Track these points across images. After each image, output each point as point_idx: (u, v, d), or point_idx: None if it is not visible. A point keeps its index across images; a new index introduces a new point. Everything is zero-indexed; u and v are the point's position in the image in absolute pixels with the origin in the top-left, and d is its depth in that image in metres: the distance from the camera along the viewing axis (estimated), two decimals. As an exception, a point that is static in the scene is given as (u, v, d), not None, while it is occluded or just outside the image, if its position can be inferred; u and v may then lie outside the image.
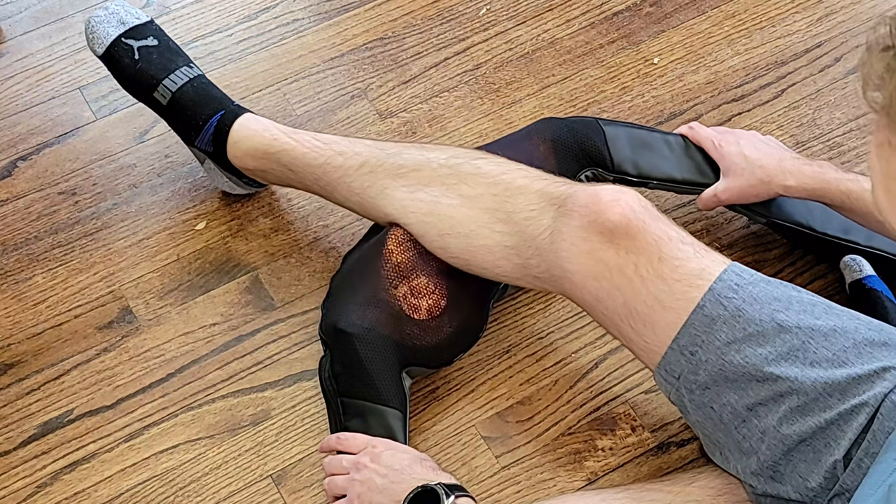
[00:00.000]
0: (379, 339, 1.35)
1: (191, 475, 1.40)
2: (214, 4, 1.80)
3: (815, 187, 1.39)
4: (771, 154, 1.45)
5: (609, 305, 1.23)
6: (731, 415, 1.17)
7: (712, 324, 1.17)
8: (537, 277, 1.30)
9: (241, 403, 1.45)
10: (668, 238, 1.21)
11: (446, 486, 1.20)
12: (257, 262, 1.56)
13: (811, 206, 1.47)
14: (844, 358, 1.14)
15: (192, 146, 1.52)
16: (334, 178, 1.42)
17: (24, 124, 1.68)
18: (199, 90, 1.49)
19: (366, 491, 1.25)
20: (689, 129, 1.52)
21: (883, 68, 0.79)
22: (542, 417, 1.44)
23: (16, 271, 1.55)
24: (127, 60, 1.49)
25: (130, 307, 1.52)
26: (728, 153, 1.46)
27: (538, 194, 1.29)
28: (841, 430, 1.11)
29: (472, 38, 1.78)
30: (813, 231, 1.46)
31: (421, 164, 1.37)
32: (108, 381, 1.46)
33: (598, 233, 1.22)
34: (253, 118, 1.49)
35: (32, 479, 1.39)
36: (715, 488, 1.26)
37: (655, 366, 1.22)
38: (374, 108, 1.70)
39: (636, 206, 1.22)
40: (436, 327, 1.37)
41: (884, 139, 0.80)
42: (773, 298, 1.18)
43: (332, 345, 1.38)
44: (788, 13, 1.81)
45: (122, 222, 1.59)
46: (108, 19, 1.50)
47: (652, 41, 1.78)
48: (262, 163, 1.47)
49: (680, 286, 1.18)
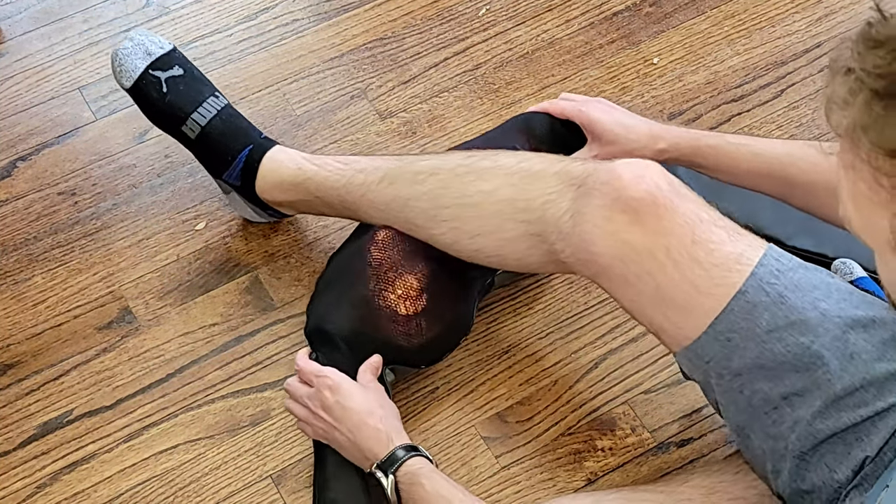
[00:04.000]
0: (363, 338, 1.35)
1: (190, 475, 1.40)
2: (214, 5, 1.80)
3: (685, 148, 1.38)
4: (640, 120, 1.43)
5: (639, 289, 1.17)
6: (763, 401, 1.13)
7: (753, 310, 1.12)
8: (566, 263, 1.25)
9: (240, 404, 1.45)
10: (700, 219, 1.15)
11: (402, 448, 1.25)
12: (257, 263, 1.56)
13: (758, 208, 1.48)
14: (883, 351, 1.11)
15: (218, 179, 1.51)
16: (357, 196, 1.40)
17: (23, 124, 1.68)
18: (227, 123, 1.47)
19: (326, 438, 1.32)
20: (549, 104, 1.49)
21: (846, 91, 0.79)
22: (541, 418, 1.44)
23: (15, 272, 1.55)
24: (155, 94, 1.46)
25: (130, 307, 1.52)
26: (600, 119, 1.43)
27: (556, 176, 1.25)
28: (875, 426, 1.09)
29: (472, 39, 1.78)
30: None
31: (438, 167, 1.35)
32: (107, 381, 1.46)
33: (622, 212, 1.16)
34: (280, 150, 1.47)
35: (32, 480, 1.39)
36: (707, 487, 1.25)
37: (682, 349, 1.17)
38: (373, 108, 1.70)
39: (662, 184, 1.16)
40: (419, 326, 1.37)
41: (848, 162, 0.80)
42: (814, 286, 1.14)
43: (317, 345, 1.38)
44: (788, 13, 1.81)
45: (122, 222, 1.59)
46: (135, 51, 1.46)
47: (651, 41, 1.78)
48: (290, 194, 1.46)
49: (718, 271, 1.13)
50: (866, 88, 0.78)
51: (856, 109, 0.79)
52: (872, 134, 0.78)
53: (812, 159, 1.29)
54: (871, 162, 0.79)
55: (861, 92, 0.79)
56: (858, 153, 0.79)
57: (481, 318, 1.51)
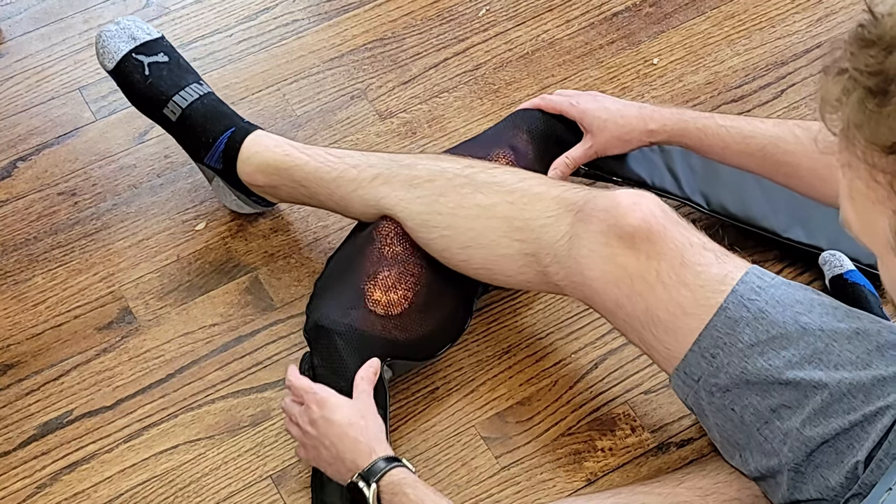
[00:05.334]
0: (359, 334, 1.35)
1: (190, 476, 1.40)
2: (214, 5, 1.80)
3: (675, 128, 1.40)
4: (629, 104, 1.46)
5: (630, 312, 1.22)
6: (754, 416, 1.16)
7: (735, 325, 1.16)
8: (557, 285, 1.29)
9: (240, 404, 1.45)
10: (690, 244, 1.20)
11: (384, 459, 1.23)
12: (257, 263, 1.56)
13: (751, 200, 1.51)
14: (868, 360, 1.13)
15: (200, 163, 1.51)
16: (348, 191, 1.41)
17: (23, 125, 1.68)
18: (209, 107, 1.48)
19: (314, 457, 1.30)
20: (542, 100, 1.51)
21: (839, 91, 0.80)
22: (541, 418, 1.44)
23: (15, 272, 1.55)
24: (137, 76, 1.48)
25: (130, 308, 1.52)
26: (588, 109, 1.46)
27: (555, 200, 1.28)
28: (865, 431, 1.11)
29: (472, 39, 1.78)
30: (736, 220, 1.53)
31: (435, 174, 1.36)
32: (107, 381, 1.46)
33: (618, 237, 1.20)
34: (264, 134, 1.48)
35: (32, 480, 1.39)
36: (703, 489, 1.26)
37: (674, 369, 1.21)
38: (373, 108, 1.70)
39: (656, 211, 1.21)
40: (417, 321, 1.37)
41: (844, 160, 0.81)
42: (796, 301, 1.17)
43: (313, 342, 1.38)
44: (788, 13, 1.81)
45: (122, 223, 1.59)
46: (119, 34, 1.49)
47: (651, 42, 1.78)
48: (273, 179, 1.46)
49: (703, 292, 1.17)
50: (859, 87, 0.79)
51: (849, 108, 0.80)
52: (867, 131, 0.79)
53: (797, 140, 1.32)
54: (867, 159, 0.80)
55: (854, 91, 0.80)
56: (854, 151, 0.80)
57: (481, 318, 1.51)
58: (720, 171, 1.51)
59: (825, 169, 1.26)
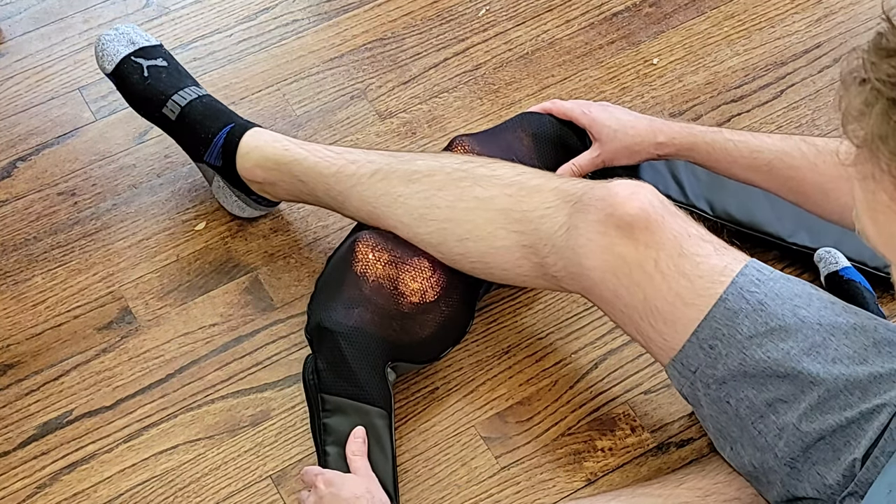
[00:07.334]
0: (363, 336, 1.35)
1: (190, 476, 1.40)
2: (214, 5, 1.80)
3: (683, 142, 1.41)
4: (640, 116, 1.47)
5: (628, 302, 1.22)
6: (749, 410, 1.17)
7: (734, 317, 1.16)
8: (555, 277, 1.29)
9: (240, 404, 1.45)
10: (688, 234, 1.20)
11: None
12: (257, 263, 1.56)
13: (756, 206, 1.52)
14: (865, 356, 1.13)
15: (200, 162, 1.51)
16: (347, 186, 1.41)
17: (23, 125, 1.68)
18: (208, 106, 1.49)
19: None
20: (553, 104, 1.52)
21: (861, 102, 0.79)
22: (541, 418, 1.44)
23: (15, 272, 1.55)
24: (136, 77, 1.49)
25: (130, 308, 1.52)
26: (599, 118, 1.47)
27: (553, 192, 1.28)
28: (861, 428, 1.11)
29: (472, 39, 1.78)
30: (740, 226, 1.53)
31: (434, 168, 1.36)
32: (107, 381, 1.46)
33: (616, 227, 1.20)
34: (263, 130, 1.48)
35: (32, 480, 1.39)
36: (703, 489, 1.26)
37: (670, 360, 1.21)
38: (373, 108, 1.70)
39: (654, 201, 1.21)
40: (421, 322, 1.37)
41: (867, 172, 0.79)
42: (795, 294, 1.18)
43: (316, 344, 1.38)
44: (788, 14, 1.81)
45: (122, 223, 1.59)
46: (119, 38, 1.50)
47: (651, 42, 1.78)
48: (273, 174, 1.46)
49: (702, 282, 1.18)
50: (883, 98, 0.78)
51: (873, 120, 0.78)
52: (892, 143, 0.78)
53: (802, 155, 1.32)
54: (891, 171, 0.78)
55: (878, 102, 0.78)
56: (878, 163, 0.78)
57: (481, 318, 1.51)
58: (724, 179, 1.51)
59: (829, 184, 1.27)
